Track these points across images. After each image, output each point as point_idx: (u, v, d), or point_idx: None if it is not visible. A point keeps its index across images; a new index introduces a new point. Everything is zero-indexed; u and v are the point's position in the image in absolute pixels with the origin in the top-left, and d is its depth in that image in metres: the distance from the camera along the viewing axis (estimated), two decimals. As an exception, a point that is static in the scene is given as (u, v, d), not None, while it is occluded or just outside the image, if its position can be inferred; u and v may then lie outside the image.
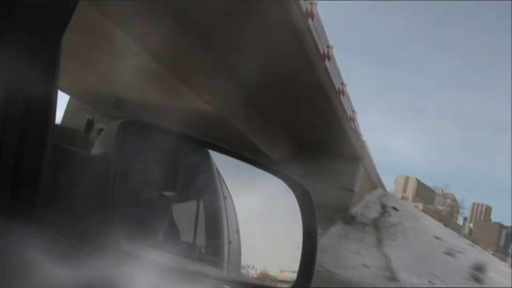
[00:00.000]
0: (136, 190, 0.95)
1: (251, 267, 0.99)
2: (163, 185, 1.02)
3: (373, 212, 20.59)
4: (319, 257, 0.95)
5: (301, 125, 16.84)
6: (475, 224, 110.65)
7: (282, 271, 0.93)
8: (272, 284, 0.97)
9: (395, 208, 21.87)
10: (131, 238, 0.87)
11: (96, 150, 0.87)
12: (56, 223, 0.77)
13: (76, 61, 10.52)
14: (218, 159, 1.03)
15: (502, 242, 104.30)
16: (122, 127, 0.85)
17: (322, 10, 13.88)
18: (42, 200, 0.77)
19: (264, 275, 0.95)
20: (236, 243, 1.10)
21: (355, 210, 19.43)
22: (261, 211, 1.02)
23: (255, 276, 0.96)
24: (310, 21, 12.82)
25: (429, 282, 17.67)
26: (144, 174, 0.98)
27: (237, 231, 1.09)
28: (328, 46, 15.14)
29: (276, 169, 0.98)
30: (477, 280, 19.23)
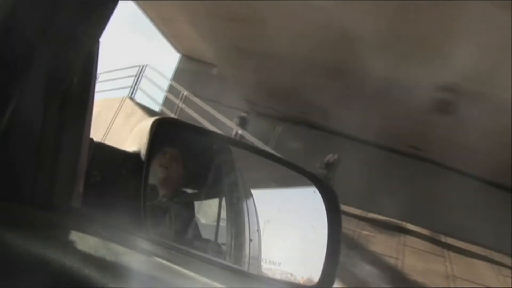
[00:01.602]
0: (165, 187, 0.97)
1: (277, 263, 1.01)
2: (189, 182, 1.04)
3: None
4: None
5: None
6: None
7: None
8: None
9: None
10: (161, 233, 0.89)
11: (129, 146, 0.88)
12: (91, 217, 0.79)
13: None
14: (244, 157, 1.04)
15: None
16: (155, 125, 0.87)
17: None
18: (78, 194, 0.78)
19: (309, 281, 0.96)
20: (257, 241, 1.12)
21: None
22: (288, 211, 1.03)
23: (301, 282, 0.98)
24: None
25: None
26: (172, 171, 0.99)
27: (258, 230, 1.11)
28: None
29: (303, 168, 0.99)
30: None
